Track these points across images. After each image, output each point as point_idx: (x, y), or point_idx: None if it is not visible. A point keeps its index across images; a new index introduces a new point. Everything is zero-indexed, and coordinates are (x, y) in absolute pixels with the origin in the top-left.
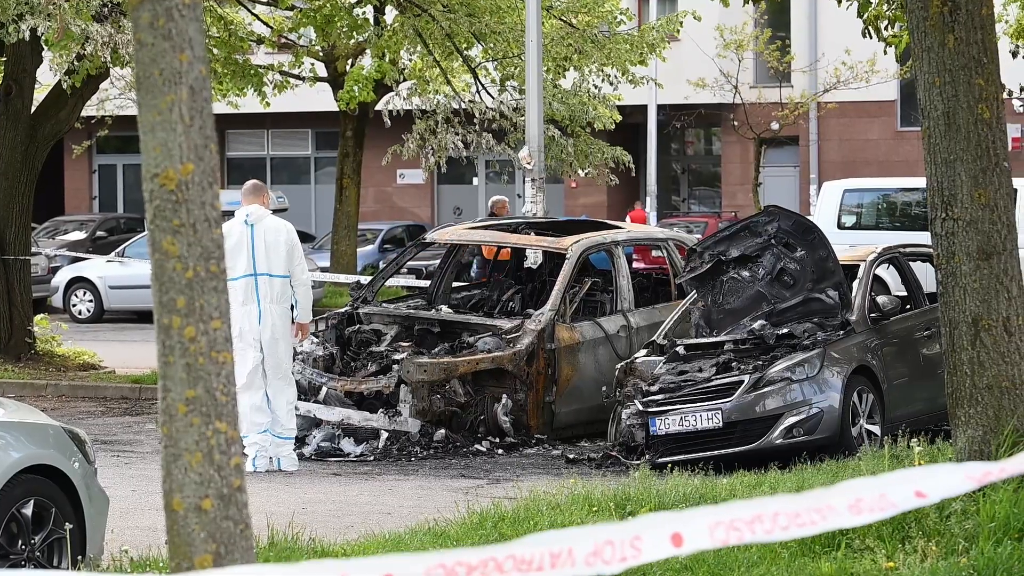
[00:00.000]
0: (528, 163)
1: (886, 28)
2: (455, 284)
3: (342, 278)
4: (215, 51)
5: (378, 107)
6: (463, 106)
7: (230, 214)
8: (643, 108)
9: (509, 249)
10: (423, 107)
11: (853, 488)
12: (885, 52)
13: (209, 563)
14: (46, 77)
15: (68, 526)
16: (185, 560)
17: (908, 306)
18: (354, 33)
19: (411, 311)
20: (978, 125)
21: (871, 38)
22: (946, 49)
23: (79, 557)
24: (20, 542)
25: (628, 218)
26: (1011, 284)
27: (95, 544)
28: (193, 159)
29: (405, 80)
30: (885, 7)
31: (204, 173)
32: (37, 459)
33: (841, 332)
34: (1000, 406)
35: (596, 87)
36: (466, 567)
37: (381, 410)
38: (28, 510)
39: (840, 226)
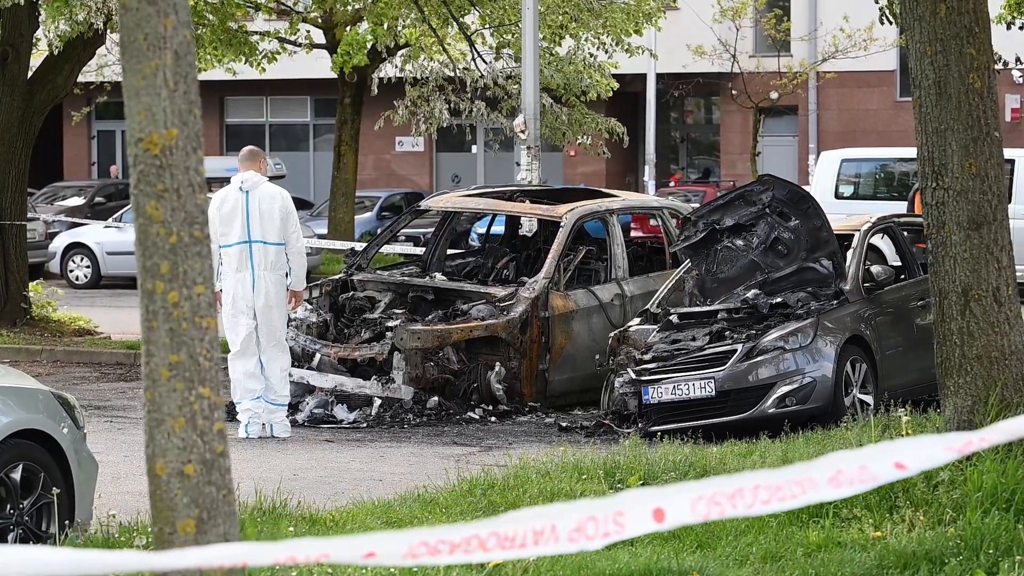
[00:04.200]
0: (522, 132)
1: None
2: (450, 251)
3: (338, 244)
4: (210, 17)
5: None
6: (457, 74)
7: (228, 181)
8: (642, 77)
9: None
10: (415, 75)
11: (834, 461)
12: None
13: (192, 528)
14: (45, 42)
15: (56, 491)
16: (168, 525)
17: (903, 276)
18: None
19: (405, 278)
20: (969, 95)
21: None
22: (937, 18)
23: (67, 522)
24: (8, 506)
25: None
26: (1001, 254)
27: (83, 509)
28: (177, 124)
29: (400, 47)
30: None
31: (188, 138)
32: (26, 424)
33: (835, 302)
34: (989, 376)
35: (592, 55)
36: (449, 544)
37: (374, 377)
38: (17, 475)
39: (838, 196)
